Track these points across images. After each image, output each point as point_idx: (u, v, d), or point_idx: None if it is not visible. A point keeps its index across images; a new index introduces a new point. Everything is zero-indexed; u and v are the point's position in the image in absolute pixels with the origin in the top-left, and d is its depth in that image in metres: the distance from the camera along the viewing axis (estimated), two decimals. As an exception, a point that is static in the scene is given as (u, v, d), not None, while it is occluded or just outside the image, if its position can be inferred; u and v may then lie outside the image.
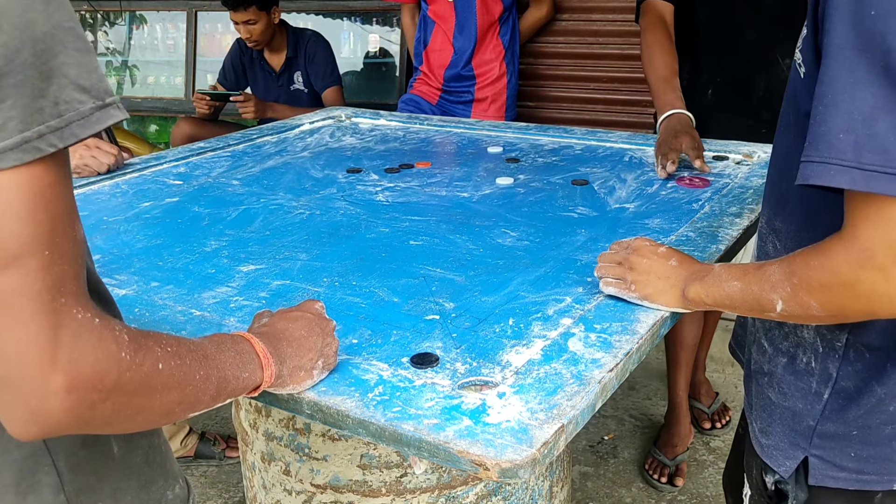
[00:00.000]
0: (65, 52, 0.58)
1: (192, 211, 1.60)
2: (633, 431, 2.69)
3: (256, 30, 3.33)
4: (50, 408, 0.57)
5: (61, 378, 0.57)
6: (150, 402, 0.65)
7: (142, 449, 0.80)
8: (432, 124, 2.29)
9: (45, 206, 0.57)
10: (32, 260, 0.56)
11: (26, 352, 0.56)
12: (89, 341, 0.59)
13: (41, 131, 0.56)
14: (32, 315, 0.56)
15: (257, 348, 0.82)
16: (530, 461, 0.80)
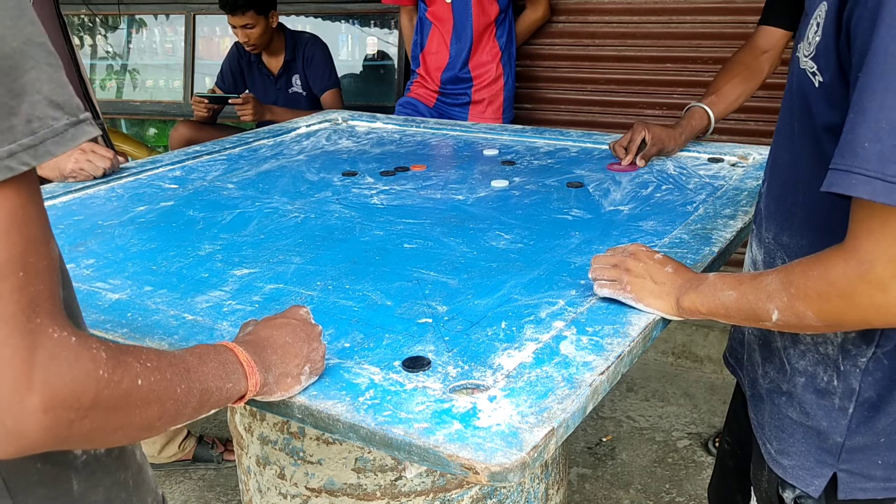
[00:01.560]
0: (37, 67, 0.57)
1: (186, 215, 1.60)
2: (632, 433, 2.69)
3: (254, 33, 3.33)
4: (26, 428, 0.57)
5: (37, 398, 0.56)
6: (130, 418, 0.64)
7: (103, 486, 0.77)
8: (428, 127, 2.29)
9: (17, 227, 0.56)
10: (6, 282, 0.55)
11: (1, 373, 0.55)
12: (66, 360, 0.58)
13: (13, 150, 0.55)
14: (7, 337, 0.55)
15: (241, 357, 0.82)
16: (520, 464, 0.80)
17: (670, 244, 1.34)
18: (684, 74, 2.82)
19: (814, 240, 0.97)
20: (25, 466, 0.70)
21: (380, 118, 2.40)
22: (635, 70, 2.90)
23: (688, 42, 2.79)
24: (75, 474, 0.74)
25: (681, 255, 1.28)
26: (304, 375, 0.91)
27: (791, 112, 0.99)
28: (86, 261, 1.36)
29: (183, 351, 0.76)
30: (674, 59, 2.84)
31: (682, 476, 2.45)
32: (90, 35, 4.74)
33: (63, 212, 1.65)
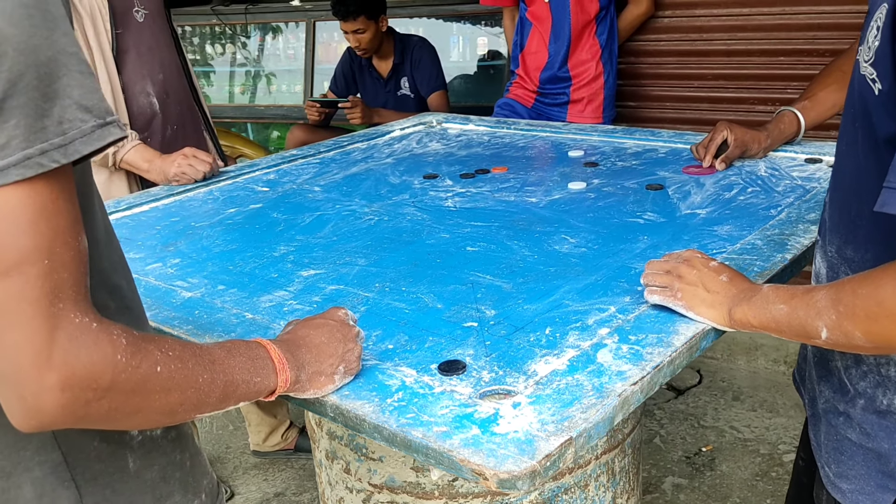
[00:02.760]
0: (68, 74, 0.62)
1: (270, 217, 1.68)
2: (734, 444, 2.58)
3: (365, 38, 3.43)
4: (45, 403, 0.62)
5: (55, 376, 0.61)
6: (149, 402, 0.69)
7: (158, 465, 0.83)
8: (519, 128, 2.29)
9: (46, 219, 0.61)
10: (32, 268, 0.60)
11: (24, 352, 0.61)
12: (84, 343, 0.63)
13: (44, 148, 0.60)
14: (31, 318, 0.60)
15: (273, 354, 0.85)
16: (529, 473, 0.79)
17: (741, 250, 1.28)
18: (799, 68, 2.66)
19: (879, 254, 0.90)
20: (84, 443, 0.76)
21: (472, 120, 2.41)
22: (746, 64, 2.78)
23: (802, 34, 2.64)
24: (131, 453, 0.80)
25: (749, 262, 1.22)
26: (337, 375, 0.94)
27: (854, 119, 0.93)
28: (172, 260, 1.46)
29: (212, 344, 0.81)
30: (787, 52, 2.69)
31: (784, 492, 2.32)
32: (220, 44, 5.02)
33: (163, 213, 1.77)
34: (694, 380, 3.00)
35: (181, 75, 2.28)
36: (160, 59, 2.19)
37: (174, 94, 2.24)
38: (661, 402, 2.87)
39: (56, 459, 0.75)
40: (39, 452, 0.74)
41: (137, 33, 2.13)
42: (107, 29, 2.03)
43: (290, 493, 2.56)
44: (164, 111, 2.19)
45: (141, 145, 2.04)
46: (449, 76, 4.01)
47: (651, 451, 2.58)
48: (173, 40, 2.27)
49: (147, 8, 2.15)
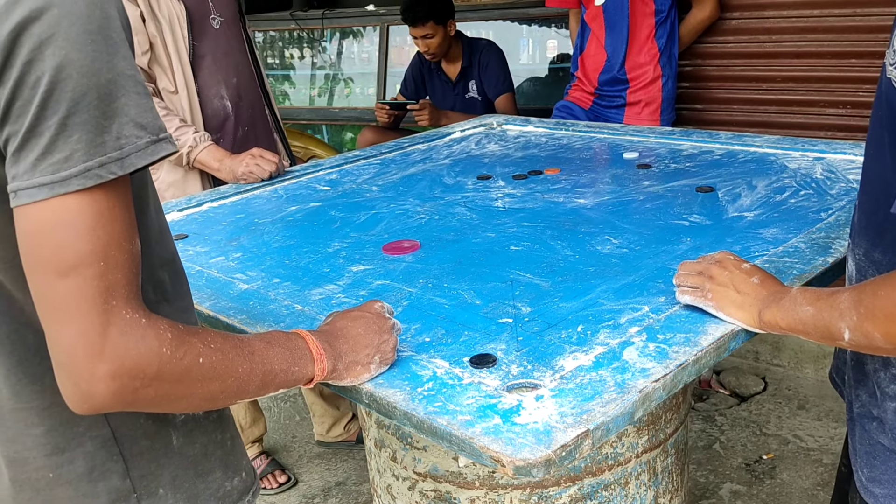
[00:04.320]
0: (126, 94, 0.69)
1: (328, 215, 1.75)
2: (797, 453, 2.53)
3: (433, 43, 3.50)
4: (97, 391, 0.69)
5: (106, 367, 0.68)
6: (192, 390, 0.76)
7: (200, 443, 0.89)
8: (577, 130, 2.31)
9: (103, 225, 0.68)
10: (89, 269, 0.68)
11: (79, 344, 0.68)
12: (133, 338, 0.70)
13: (103, 161, 0.67)
14: (86, 314, 0.68)
15: (311, 345, 0.91)
16: (544, 461, 0.83)
17: (782, 253, 1.28)
18: (870, 71, 2.59)
19: None
20: (131, 421, 0.84)
21: (532, 122, 2.45)
22: (816, 67, 2.71)
23: (873, 36, 2.56)
24: (174, 431, 0.87)
25: (789, 265, 1.23)
26: (373, 364, 0.99)
27: (881, 123, 0.93)
28: (234, 254, 1.55)
29: (252, 335, 0.87)
30: (858, 54, 2.62)
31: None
32: (299, 48, 5.18)
33: (230, 210, 1.87)
34: (759, 387, 2.95)
35: (254, 79, 2.39)
36: (234, 63, 2.31)
37: (247, 97, 2.35)
38: (724, 409, 2.83)
39: (106, 436, 0.82)
40: (91, 429, 0.82)
41: (213, 40, 2.25)
42: (184, 36, 2.16)
43: (351, 482, 2.64)
44: (236, 113, 2.31)
45: (213, 146, 2.16)
46: (518, 79, 4.04)
47: (710, 456, 2.56)
48: (247, 45, 2.39)
49: (223, 15, 2.27)
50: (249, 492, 0.96)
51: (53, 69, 0.65)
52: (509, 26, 4.31)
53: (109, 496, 0.83)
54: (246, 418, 2.58)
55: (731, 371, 3.04)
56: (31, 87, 0.65)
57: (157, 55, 2.15)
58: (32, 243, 0.68)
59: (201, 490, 0.89)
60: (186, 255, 1.56)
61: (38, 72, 0.65)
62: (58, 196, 0.66)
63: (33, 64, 0.65)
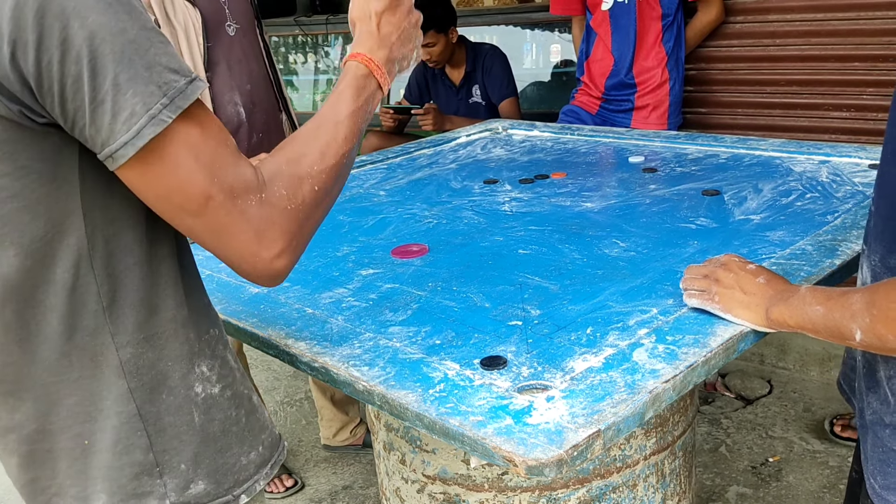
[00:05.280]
0: (154, 45, 0.74)
1: (337, 219, 1.76)
2: (803, 455, 2.53)
3: (435, 51, 3.51)
4: (279, 266, 0.83)
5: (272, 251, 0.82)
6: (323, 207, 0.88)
7: (218, 420, 0.93)
8: (583, 134, 2.32)
9: (195, 157, 0.76)
10: (214, 200, 0.77)
11: (247, 249, 0.80)
12: (270, 215, 0.81)
13: (159, 108, 0.73)
14: (235, 226, 0.79)
15: (378, 76, 0.96)
16: (556, 461, 0.84)
17: (790, 255, 1.29)
18: (874, 74, 2.60)
19: None
20: (155, 399, 0.87)
21: (537, 126, 2.46)
22: (820, 70, 2.72)
23: (877, 39, 2.57)
24: (195, 408, 0.91)
25: (796, 267, 1.23)
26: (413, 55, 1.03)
27: None
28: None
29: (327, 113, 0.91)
30: (862, 57, 2.63)
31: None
32: (303, 54, 5.20)
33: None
34: (764, 389, 2.95)
35: (269, 86, 2.39)
36: (248, 70, 2.31)
37: (261, 104, 2.35)
38: (729, 412, 2.84)
39: (132, 411, 0.86)
40: (116, 404, 0.85)
41: (228, 47, 2.25)
42: (199, 42, 2.17)
43: (358, 486, 2.65)
44: (250, 120, 2.31)
45: None
46: (522, 83, 4.05)
47: (716, 459, 2.57)
48: (264, 52, 2.39)
49: (239, 22, 2.28)
50: (268, 464, 1.00)
51: (87, 39, 0.69)
52: (513, 31, 4.32)
53: (132, 469, 0.86)
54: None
55: (737, 374, 3.05)
56: (76, 63, 0.70)
57: None
58: (157, 192, 0.76)
59: (220, 465, 0.93)
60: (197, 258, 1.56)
61: (75, 47, 0.69)
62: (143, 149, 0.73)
63: (67, 41, 0.69)
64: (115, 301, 0.83)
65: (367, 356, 1.09)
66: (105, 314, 0.83)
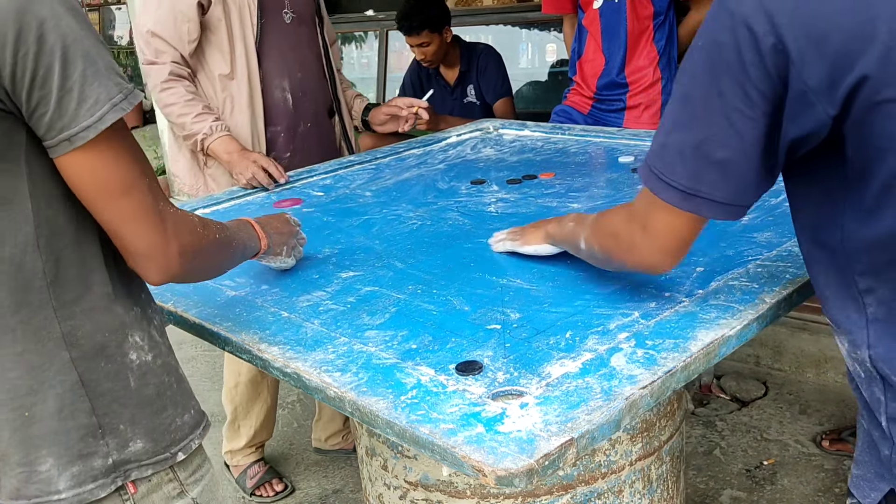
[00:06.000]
0: (106, 52, 0.86)
1: (320, 220, 1.74)
2: (797, 458, 2.50)
3: (430, 51, 3.49)
4: (173, 265, 0.94)
5: (175, 247, 0.93)
6: (214, 260, 1.07)
7: (153, 384, 1.00)
8: (574, 134, 2.29)
9: (134, 148, 0.90)
10: (142, 184, 0.89)
11: (154, 238, 0.91)
12: (181, 224, 0.95)
13: (120, 98, 0.85)
14: (152, 216, 0.90)
15: (256, 228, 1.28)
16: (526, 471, 0.81)
17: (776, 257, 1.26)
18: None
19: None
20: (95, 367, 0.95)
21: (528, 126, 2.43)
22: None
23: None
24: (131, 374, 0.98)
25: (782, 269, 1.21)
26: (283, 252, 1.36)
27: None
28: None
29: (230, 222, 1.20)
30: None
31: (848, 509, 2.25)
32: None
33: (222, 216, 1.83)
34: (759, 391, 2.92)
35: (322, 78, 2.37)
36: (301, 59, 2.29)
37: (311, 93, 2.33)
38: (724, 414, 2.81)
39: (74, 379, 0.92)
40: (60, 373, 0.92)
41: (282, 33, 2.24)
42: (253, 24, 2.16)
43: (348, 490, 2.62)
44: (297, 108, 2.29)
45: (227, 136, 2.12)
46: (517, 83, 4.03)
47: (710, 462, 2.54)
48: (321, 47, 2.37)
49: (297, 12, 2.27)
50: (200, 426, 1.07)
51: (60, 38, 0.81)
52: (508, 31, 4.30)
53: (78, 432, 0.93)
54: (258, 420, 2.55)
55: (732, 375, 3.02)
56: (49, 55, 0.80)
57: (218, 39, 2.14)
58: (97, 176, 0.86)
59: (156, 425, 1.00)
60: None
61: (49, 43, 0.80)
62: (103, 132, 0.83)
63: (43, 37, 0.80)
64: (57, 277, 0.90)
65: (340, 361, 1.06)
66: (49, 290, 0.89)
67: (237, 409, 2.54)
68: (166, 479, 1.02)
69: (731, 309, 1.10)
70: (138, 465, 0.98)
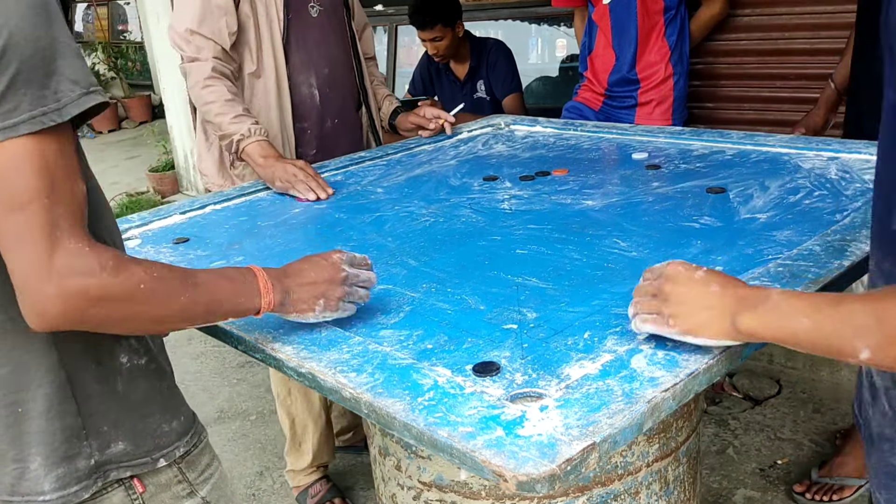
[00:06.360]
0: (62, 57, 0.81)
1: (332, 217, 1.72)
2: (812, 458, 2.48)
3: (442, 45, 3.47)
4: (47, 309, 0.81)
5: (53, 288, 0.80)
6: (136, 312, 0.87)
7: (141, 388, 0.99)
8: (586, 130, 2.27)
9: (48, 166, 0.80)
10: (38, 203, 0.79)
11: (31, 269, 0.80)
12: (76, 262, 0.81)
13: (45, 111, 0.79)
14: (37, 242, 0.79)
15: (260, 280, 1.03)
16: (548, 476, 0.80)
17: (797, 256, 1.24)
18: (886, 66, 2.54)
19: None
20: (83, 367, 0.94)
21: (540, 122, 2.41)
22: (830, 64, 2.65)
23: (889, 31, 2.52)
24: (120, 377, 0.97)
25: (803, 269, 1.18)
26: (318, 307, 1.10)
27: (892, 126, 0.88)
28: (236, 258, 1.52)
29: (202, 269, 0.99)
30: (874, 49, 2.57)
31: (864, 509, 2.23)
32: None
33: (233, 213, 1.84)
34: (773, 390, 2.90)
35: (350, 73, 2.32)
36: (328, 54, 2.24)
37: (338, 89, 2.28)
38: (737, 412, 2.79)
39: (62, 379, 0.92)
40: (48, 374, 0.92)
41: (309, 27, 2.19)
42: (279, 18, 2.12)
43: (359, 487, 2.61)
44: (324, 104, 2.24)
45: (264, 142, 2.00)
46: (527, 78, 4.00)
47: (723, 461, 2.51)
48: (349, 39, 2.33)
49: (322, 5, 2.22)
50: (188, 433, 1.05)
51: (5, 38, 0.77)
52: (518, 25, 4.27)
53: (64, 433, 0.93)
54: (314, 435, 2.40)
55: (745, 374, 2.99)
56: None
57: (246, 37, 2.09)
58: None
59: (140, 429, 0.99)
60: (187, 258, 1.53)
61: None
62: (9, 139, 0.77)
63: None
64: None
65: (356, 361, 1.05)
66: None
67: (295, 422, 2.38)
68: (175, 480, 1.03)
69: (753, 309, 1.08)
70: (117, 466, 0.98)
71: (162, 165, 6.35)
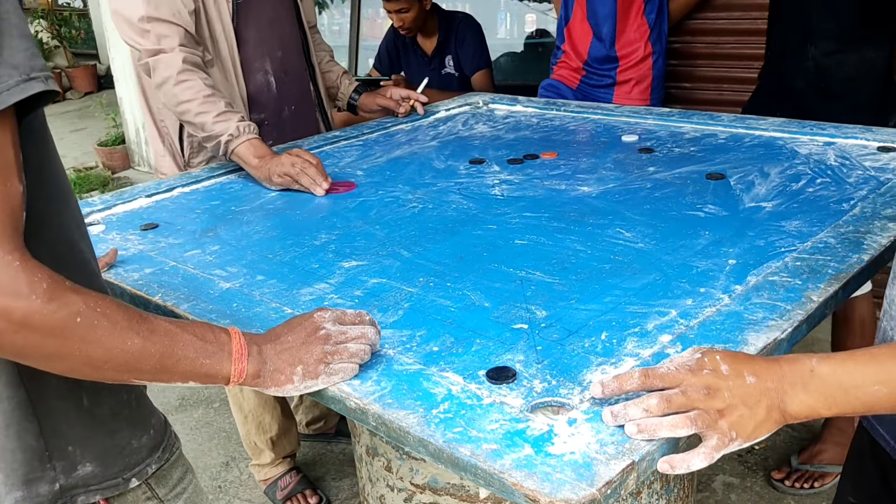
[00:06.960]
0: (4, 35, 0.69)
1: (312, 202, 1.62)
2: (789, 443, 2.48)
3: (409, 17, 3.35)
4: None
5: None
6: (68, 350, 0.73)
7: (107, 403, 0.90)
8: (569, 110, 2.20)
9: None
10: None
11: None
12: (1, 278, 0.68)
13: None
14: None
15: (234, 343, 0.87)
16: (589, 502, 0.73)
17: (812, 249, 1.19)
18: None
19: None
20: (45, 382, 0.84)
21: (520, 101, 2.33)
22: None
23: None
24: (84, 392, 0.87)
25: (822, 263, 1.13)
26: (296, 376, 0.91)
27: None
28: (211, 247, 1.41)
29: (167, 318, 0.84)
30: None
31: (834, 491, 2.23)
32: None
33: (204, 196, 1.73)
34: (745, 372, 2.89)
35: (300, 52, 2.14)
36: (280, 34, 2.05)
37: (293, 72, 2.10)
38: (711, 395, 2.77)
39: (21, 396, 0.83)
40: (7, 389, 0.83)
41: (259, 5, 1.99)
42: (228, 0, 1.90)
43: (330, 477, 2.53)
44: (280, 91, 2.06)
45: (256, 140, 1.79)
46: (496, 54, 3.91)
47: (699, 445, 2.50)
48: (295, 13, 2.13)
49: None
50: (159, 448, 0.96)
51: None
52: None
53: (25, 454, 0.85)
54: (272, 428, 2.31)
55: (717, 356, 2.98)
56: None
57: (198, 23, 1.86)
58: None
59: (109, 448, 0.90)
60: (159, 247, 1.42)
61: None
62: None
63: None
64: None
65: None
66: None
67: (248, 418, 2.26)
68: (143, 498, 0.95)
69: (778, 308, 1.02)
70: (86, 490, 0.89)
71: (111, 139, 6.10)
